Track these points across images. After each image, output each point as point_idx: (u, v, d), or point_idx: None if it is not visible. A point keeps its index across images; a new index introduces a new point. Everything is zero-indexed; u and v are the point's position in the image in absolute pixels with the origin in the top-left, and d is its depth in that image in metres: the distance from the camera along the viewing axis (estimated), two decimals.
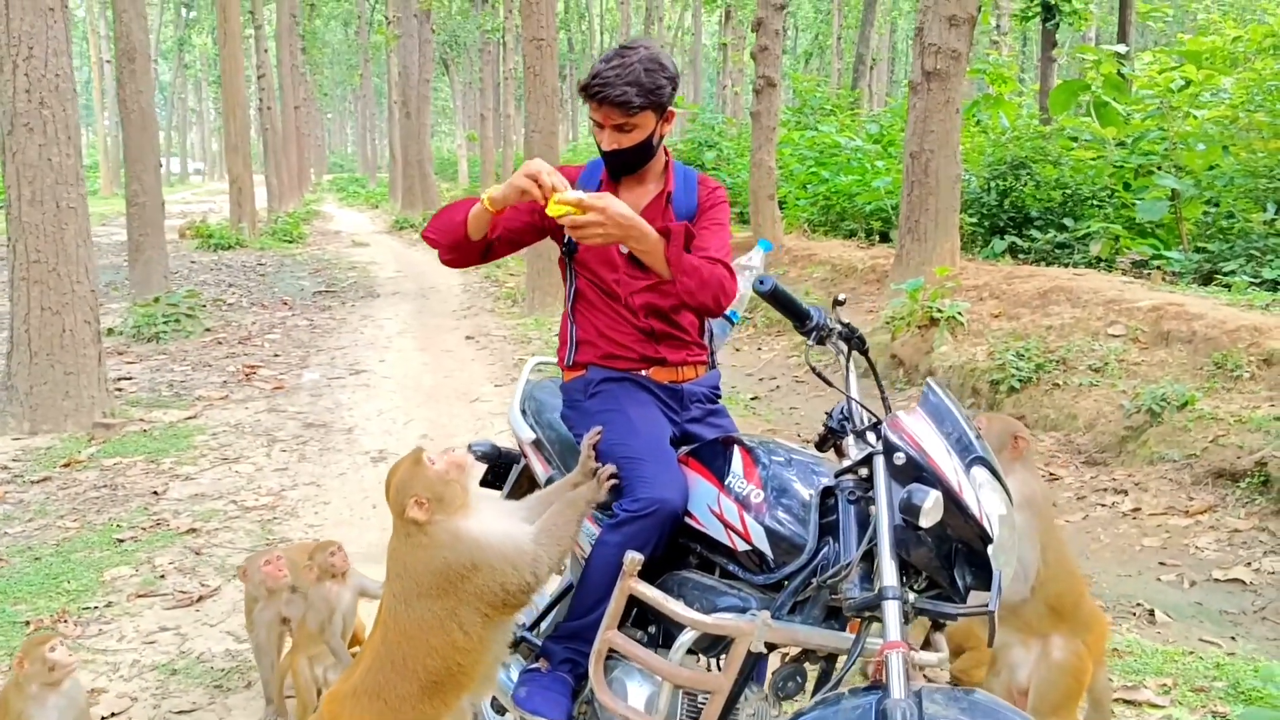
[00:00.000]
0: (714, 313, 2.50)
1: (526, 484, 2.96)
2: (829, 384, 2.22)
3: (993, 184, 12.88)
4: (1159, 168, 11.72)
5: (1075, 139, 13.67)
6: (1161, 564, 5.49)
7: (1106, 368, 7.43)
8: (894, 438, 2.01)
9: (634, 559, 2.17)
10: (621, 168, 2.63)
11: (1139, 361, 7.40)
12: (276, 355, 9.51)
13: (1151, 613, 4.92)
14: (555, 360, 2.83)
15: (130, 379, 8.32)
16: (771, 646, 2.15)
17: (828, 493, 2.20)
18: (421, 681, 2.25)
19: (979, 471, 2.02)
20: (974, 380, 8.30)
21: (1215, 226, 11.48)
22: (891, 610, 1.94)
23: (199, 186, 60.49)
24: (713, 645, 2.21)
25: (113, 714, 3.34)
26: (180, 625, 3.96)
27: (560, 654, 2.43)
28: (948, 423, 2.06)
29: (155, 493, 5.54)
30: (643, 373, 2.61)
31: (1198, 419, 6.47)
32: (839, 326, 2.23)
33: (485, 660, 2.30)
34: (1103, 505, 6.24)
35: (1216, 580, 5.26)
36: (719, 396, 2.73)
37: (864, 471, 2.10)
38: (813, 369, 2.20)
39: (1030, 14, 17.53)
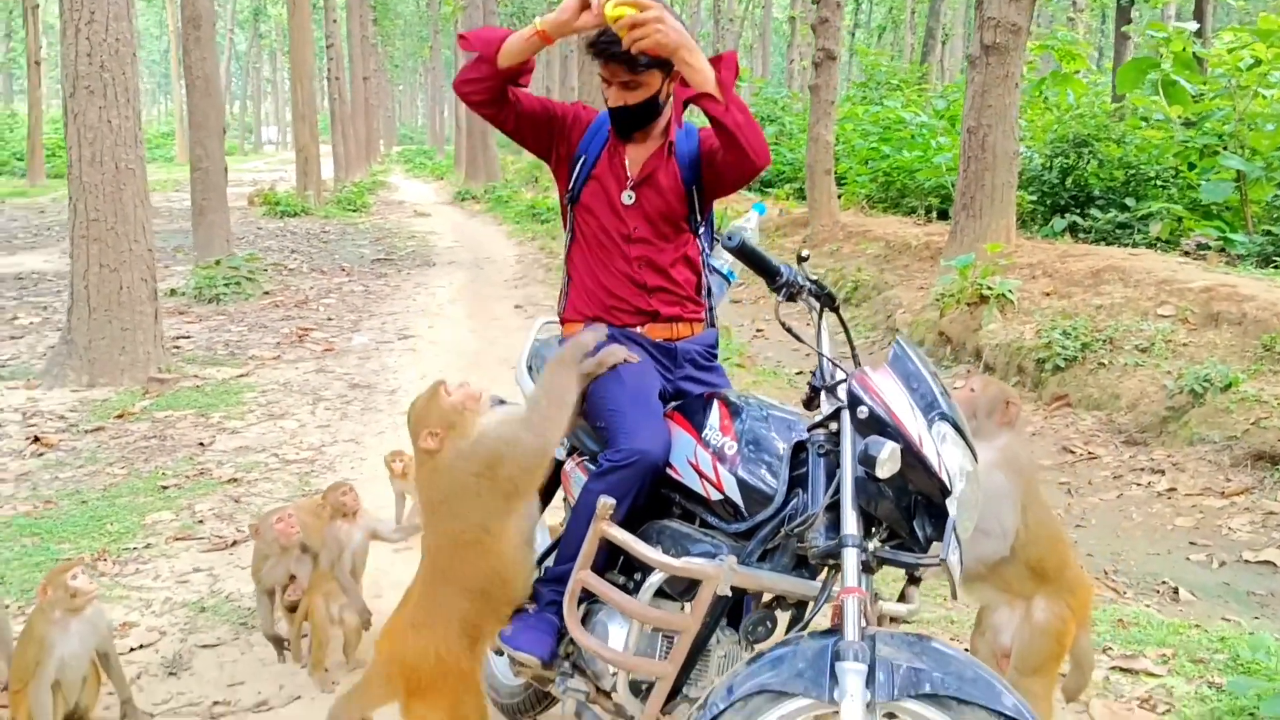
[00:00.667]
0: (757, 162, 2.50)
1: None
2: (799, 339, 2.27)
3: (1055, 161, 12.69)
4: (1224, 148, 11.46)
5: (1146, 118, 13.41)
6: (1192, 544, 5.45)
7: (1153, 348, 7.34)
8: (859, 392, 2.06)
9: (605, 503, 2.25)
10: (626, 125, 2.66)
11: (1186, 342, 7.29)
12: (330, 319, 9.74)
13: (1176, 591, 4.89)
14: (554, 320, 2.91)
15: (189, 338, 8.58)
16: (740, 591, 2.22)
17: (800, 447, 2.26)
18: (471, 595, 2.37)
19: (943, 427, 2.06)
20: (1020, 359, 8.24)
21: None
22: (850, 557, 2.00)
23: (271, 155, 61.51)
24: (688, 590, 2.28)
25: (141, 645, 3.52)
26: (214, 567, 4.13)
27: (547, 596, 2.53)
28: (914, 380, 2.11)
29: (202, 444, 5.74)
30: (637, 329, 2.67)
31: (1240, 401, 6.38)
32: (808, 284, 2.28)
33: (520, 563, 2.42)
34: (1138, 485, 6.19)
35: (1246, 561, 5.21)
36: (715, 356, 2.79)
37: (834, 426, 2.15)
38: (782, 324, 2.26)
39: None
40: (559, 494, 2.94)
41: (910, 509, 2.08)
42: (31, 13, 28.02)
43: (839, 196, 15.54)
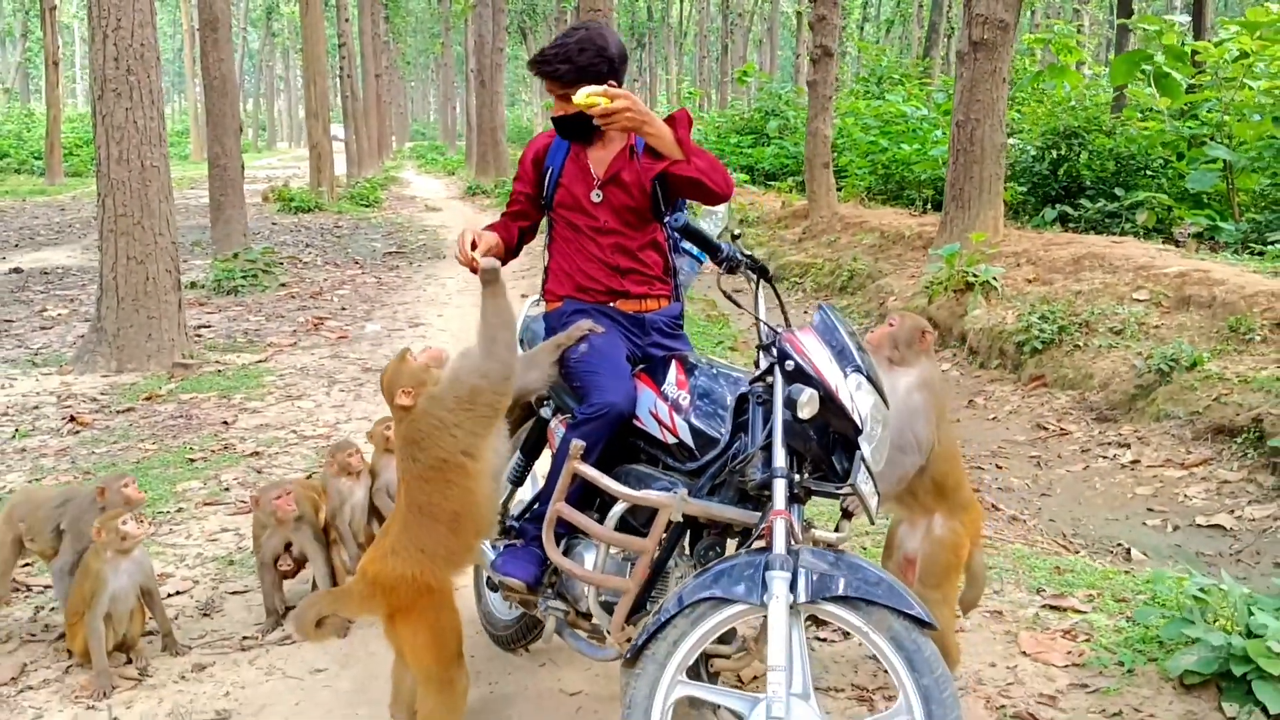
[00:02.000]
0: (725, 193, 2.90)
1: (525, 405, 3.46)
2: (738, 305, 2.68)
3: (1046, 153, 13.02)
4: (1211, 138, 11.78)
5: (1146, 110, 13.71)
6: (1149, 510, 5.83)
7: (1126, 330, 7.71)
8: (786, 349, 2.46)
9: (576, 444, 2.66)
10: (568, 131, 3.07)
11: (1158, 325, 7.65)
12: (343, 309, 10.17)
13: (1129, 552, 5.28)
14: (539, 298, 3.33)
15: (209, 327, 9.01)
16: (690, 519, 2.62)
17: (743, 398, 2.65)
18: (444, 521, 2.73)
19: (857, 378, 2.46)
20: (1001, 342, 8.62)
21: (1269, 197, 11.54)
22: (779, 486, 2.40)
23: (285, 152, 62.05)
24: (649, 521, 2.68)
25: (177, 592, 3.93)
26: (240, 528, 4.54)
27: (532, 532, 2.93)
28: (833, 337, 2.51)
29: (225, 423, 6.17)
30: (610, 304, 3.07)
31: (1204, 379, 6.74)
32: (744, 258, 2.67)
33: (488, 494, 2.78)
34: (1105, 457, 6.57)
35: (1199, 525, 5.59)
36: (680, 326, 3.19)
37: (770, 379, 2.55)
38: (724, 293, 2.66)
39: None
40: (546, 450, 3.34)
41: (830, 447, 2.48)
42: (49, 13, 28.51)
43: (839, 189, 15.90)
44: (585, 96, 2.74)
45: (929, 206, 14.59)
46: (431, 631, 2.73)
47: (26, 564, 4.04)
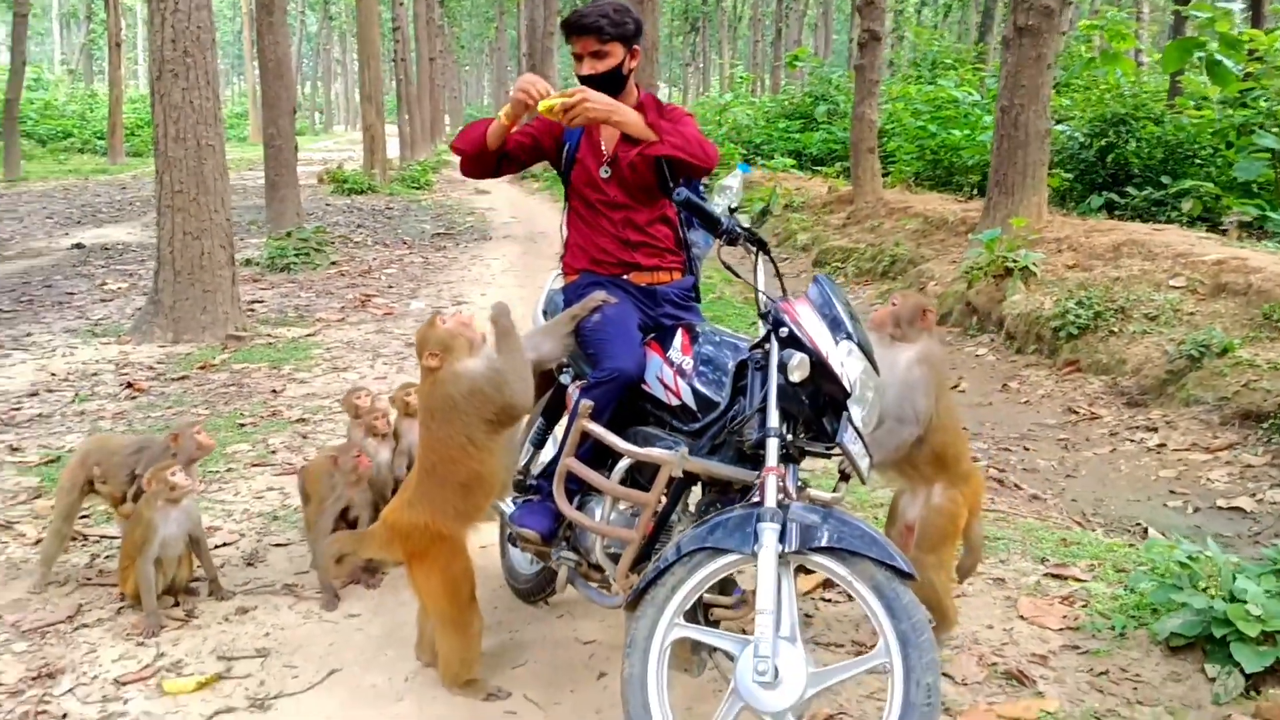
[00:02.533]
0: (706, 164, 3.08)
1: (543, 372, 3.65)
2: (737, 276, 2.84)
3: (1094, 140, 12.97)
4: (1260, 127, 11.68)
5: (1205, 98, 13.59)
6: (1172, 492, 5.90)
7: (1161, 316, 7.74)
8: (781, 317, 2.63)
9: (585, 404, 2.85)
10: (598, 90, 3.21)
11: (1193, 311, 7.68)
12: (390, 287, 10.45)
13: (1145, 531, 5.36)
14: (560, 272, 3.52)
15: (262, 302, 9.33)
16: (690, 475, 2.80)
17: (744, 364, 2.82)
18: (454, 485, 2.95)
19: (848, 344, 2.62)
20: (1038, 327, 8.67)
21: None
22: (772, 445, 2.57)
23: (341, 135, 62.84)
24: (654, 478, 2.86)
25: (224, 544, 4.19)
26: (285, 487, 4.79)
27: (548, 488, 3.13)
28: (826, 307, 2.67)
29: (274, 391, 6.44)
30: (623, 276, 3.25)
31: (1235, 365, 6.78)
32: (743, 231, 2.83)
33: (498, 468, 3.00)
34: (1132, 441, 6.63)
35: (1219, 508, 5.65)
36: (691, 298, 3.36)
37: (768, 346, 2.72)
38: (724, 264, 2.83)
39: None
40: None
41: (822, 410, 2.64)
42: None
43: (887, 174, 15.92)
44: (545, 104, 2.97)
45: (975, 192, 14.57)
46: (444, 576, 2.95)
47: (84, 515, 4.31)
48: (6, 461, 5.12)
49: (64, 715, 2.97)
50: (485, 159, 3.32)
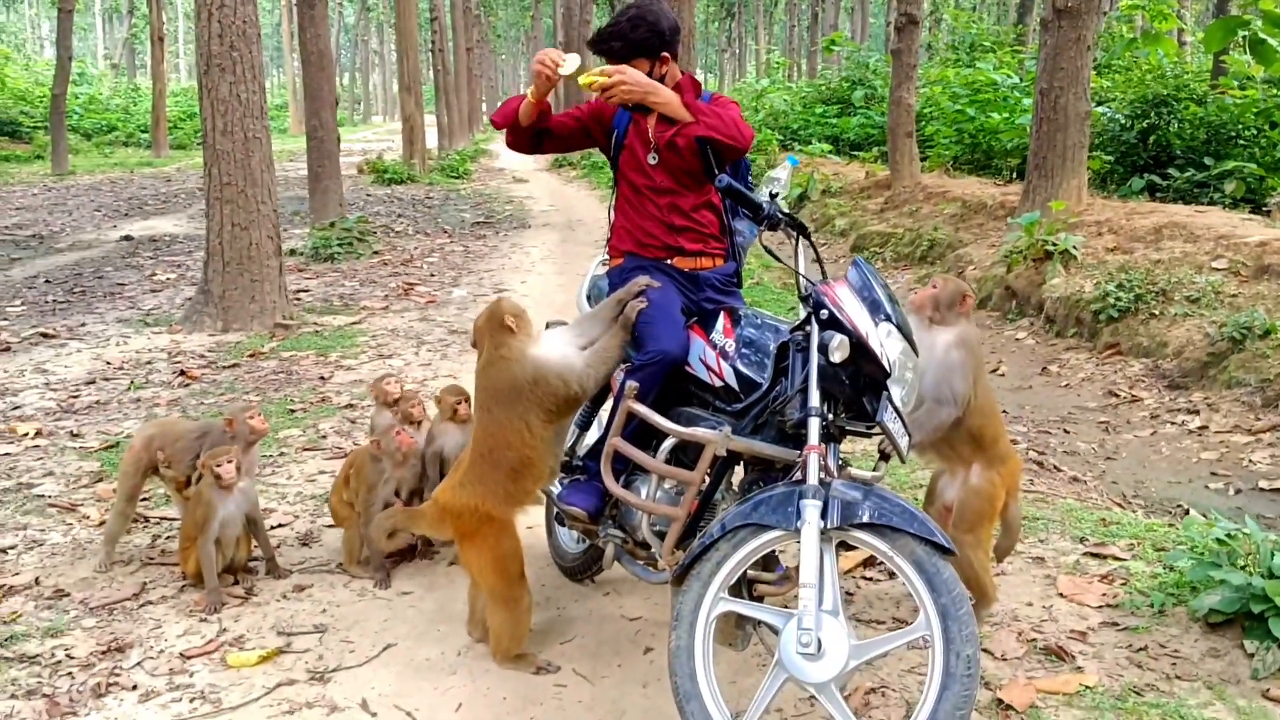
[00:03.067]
0: (742, 146, 3.15)
1: None
2: (778, 260, 2.91)
3: (1135, 122, 12.86)
4: None
5: (1250, 78, 13.42)
6: (1213, 474, 5.90)
7: (1203, 299, 7.71)
8: (822, 299, 2.70)
9: (631, 385, 2.93)
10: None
11: (1235, 294, 7.64)
12: (432, 275, 10.59)
13: (1186, 512, 5.36)
14: (606, 258, 3.60)
15: (307, 291, 9.49)
16: (735, 456, 2.87)
17: (785, 346, 2.89)
18: (505, 470, 3.06)
19: (887, 326, 2.69)
20: (1078, 310, 8.65)
21: None
22: (814, 424, 2.64)
23: (379, 126, 63.24)
24: (698, 457, 2.93)
25: (279, 525, 4.32)
26: (336, 470, 4.90)
27: (595, 468, 3.21)
28: (866, 289, 2.73)
29: (322, 378, 6.58)
30: (667, 260, 3.33)
31: (1277, 347, 6.75)
32: (784, 217, 2.90)
33: (549, 455, 3.11)
34: (1173, 424, 6.63)
35: (1261, 490, 5.65)
36: (733, 283, 3.42)
37: (809, 328, 2.78)
38: (765, 248, 2.91)
39: None
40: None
41: (862, 390, 2.71)
42: None
43: (925, 159, 15.86)
44: (586, 78, 3.04)
45: (1014, 176, 14.48)
46: (494, 555, 3.05)
47: (144, 498, 4.45)
48: (68, 447, 5.29)
49: (134, 686, 3.10)
50: (520, 133, 3.41)
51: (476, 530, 3.08)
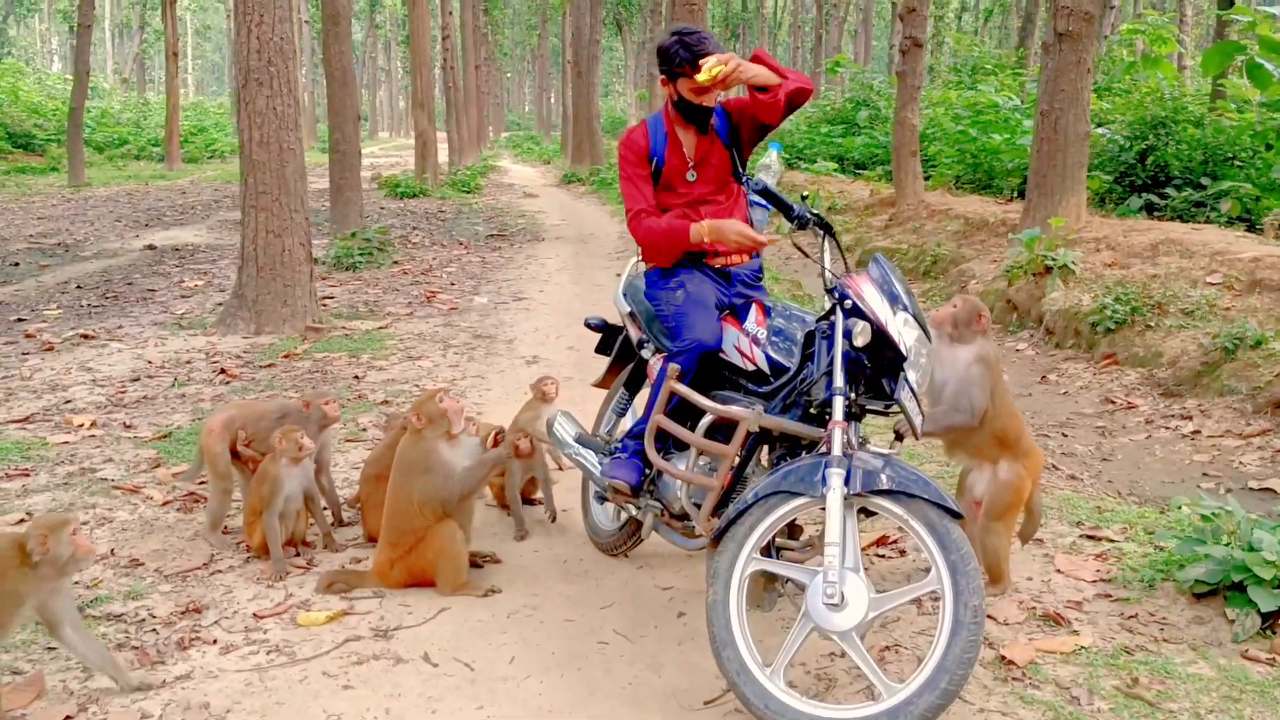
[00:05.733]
0: (811, 89, 3.50)
1: (629, 350, 4.07)
2: (808, 256, 3.24)
3: (1133, 143, 13.20)
4: None
5: (1247, 101, 13.77)
6: (1205, 475, 6.19)
7: (1197, 311, 8.02)
8: (845, 291, 3.02)
9: (674, 368, 3.27)
10: (706, 117, 3.64)
11: (1229, 306, 7.96)
12: (453, 284, 10.93)
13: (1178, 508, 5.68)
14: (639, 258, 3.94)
15: (332, 298, 9.81)
16: (766, 433, 3.19)
17: (811, 334, 3.22)
18: (410, 534, 3.73)
19: (904, 314, 3.01)
20: (1077, 322, 8.97)
21: None
22: (838, 402, 2.96)
23: (386, 142, 63.79)
24: (731, 434, 3.25)
25: (326, 508, 4.63)
26: None
27: (634, 446, 3.54)
28: (885, 283, 3.06)
29: (356, 377, 6.91)
30: (702, 258, 3.66)
31: (1268, 356, 7.06)
32: (812, 216, 3.22)
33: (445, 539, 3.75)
34: (1167, 428, 6.93)
35: (1251, 489, 5.94)
36: (759, 278, 3.76)
37: (833, 318, 3.11)
38: (796, 246, 3.24)
39: None
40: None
41: (881, 372, 3.03)
42: (170, 6, 30.00)
43: (928, 178, 16.22)
44: (707, 71, 3.34)
45: (1015, 195, 14.82)
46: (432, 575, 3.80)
47: (203, 481, 4.76)
48: (123, 437, 5.61)
49: (214, 640, 3.41)
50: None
51: (412, 580, 3.79)
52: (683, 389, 3.25)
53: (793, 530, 3.37)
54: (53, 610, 2.99)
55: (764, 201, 3.62)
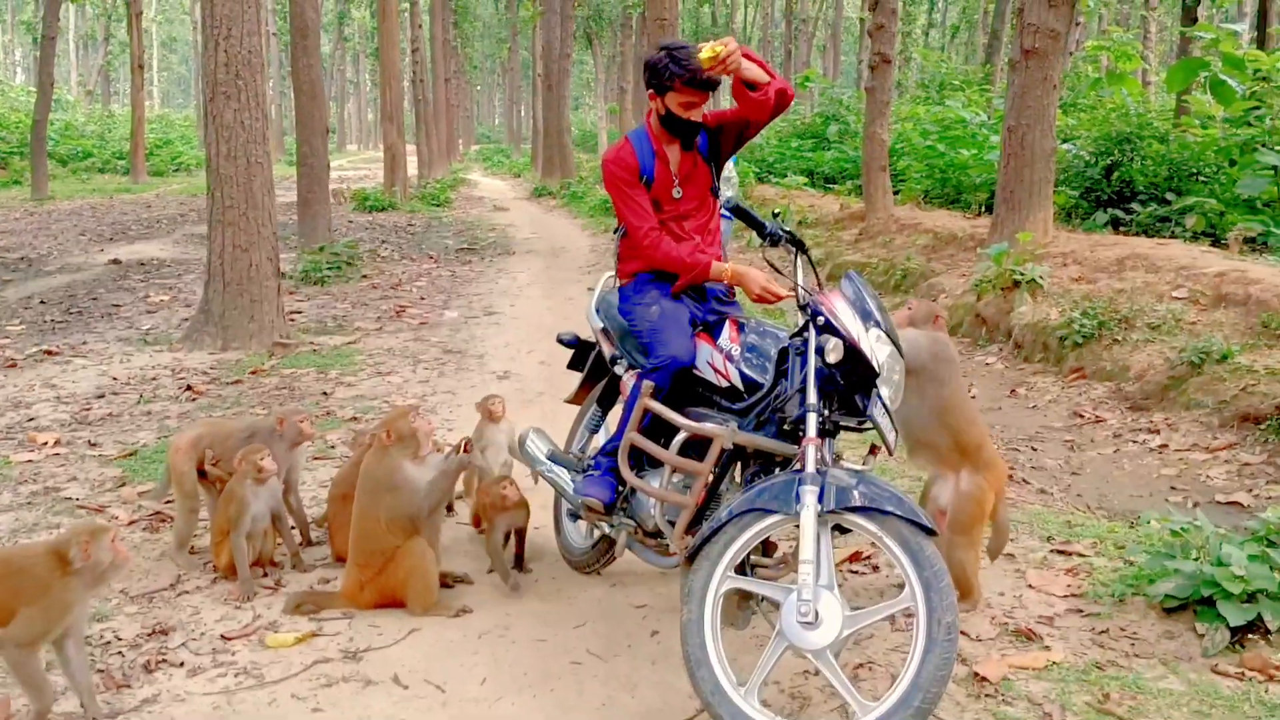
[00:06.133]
0: (792, 99, 3.52)
1: (601, 366, 4.05)
2: (780, 273, 3.24)
3: (1099, 159, 13.34)
4: (1263, 144, 12.02)
5: (1212, 117, 13.96)
6: (1173, 488, 6.25)
7: (1163, 325, 8.10)
8: (818, 307, 3.02)
9: (648, 385, 3.26)
10: (693, 132, 3.66)
11: (1195, 321, 8.04)
12: (422, 298, 10.88)
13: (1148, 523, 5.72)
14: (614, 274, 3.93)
15: (300, 313, 9.74)
16: (740, 451, 3.18)
17: (784, 350, 3.21)
18: (378, 555, 3.70)
19: (876, 331, 3.01)
20: (1045, 337, 9.04)
21: None
22: (811, 419, 2.96)
23: (355, 155, 63.54)
24: (705, 452, 3.24)
25: (292, 527, 4.57)
26: None
27: (606, 464, 3.52)
28: (857, 300, 3.06)
29: (325, 393, 6.84)
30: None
31: (1234, 370, 7.14)
32: (784, 233, 3.22)
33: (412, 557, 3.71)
34: (1135, 442, 6.99)
35: (1218, 503, 6.00)
36: (733, 292, 3.75)
37: (807, 335, 3.10)
38: (769, 262, 3.24)
39: None
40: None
41: (854, 389, 3.03)
42: (135, 19, 29.79)
43: (897, 192, 16.33)
44: (709, 50, 3.31)
45: (983, 210, 14.95)
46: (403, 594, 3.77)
47: (169, 500, 4.70)
48: (88, 455, 5.53)
49: (181, 663, 3.36)
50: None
51: (383, 599, 3.75)
52: (657, 406, 3.24)
53: (767, 547, 3.37)
54: (74, 621, 2.99)
55: (729, 214, 3.63)
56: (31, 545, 3.42)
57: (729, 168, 3.49)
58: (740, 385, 3.29)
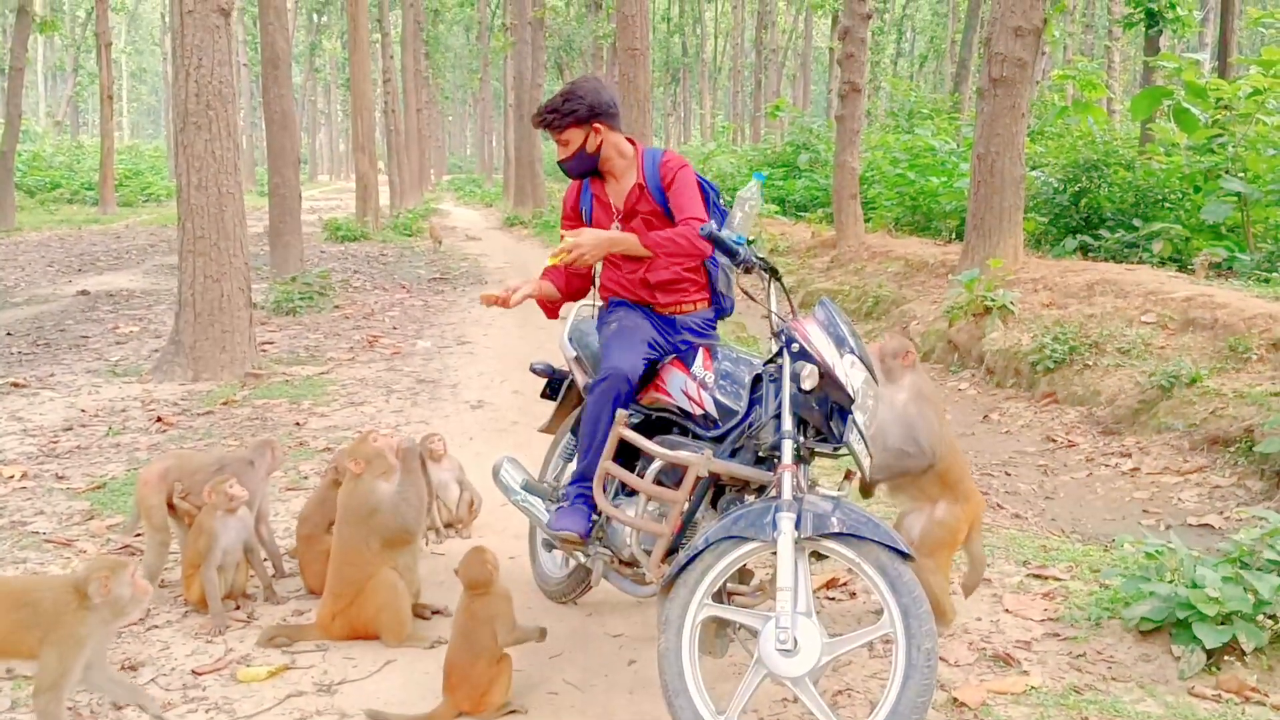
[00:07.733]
0: (703, 257, 3.52)
1: (575, 395, 4.04)
2: (754, 299, 3.25)
3: (1067, 185, 13.51)
4: (1226, 171, 12.21)
5: (1171, 145, 14.16)
6: (1145, 512, 6.29)
7: (1133, 350, 8.18)
8: (792, 334, 3.02)
9: (621, 414, 3.25)
10: (574, 172, 3.72)
11: (1164, 345, 8.13)
12: (395, 328, 10.83)
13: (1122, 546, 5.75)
14: (591, 303, 3.93)
15: (272, 343, 9.67)
16: (715, 478, 3.17)
17: (759, 377, 3.21)
18: (344, 583, 3.68)
19: (850, 357, 3.01)
20: (1016, 362, 9.11)
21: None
22: (787, 445, 2.96)
23: (326, 185, 63.38)
24: (681, 480, 3.22)
25: (265, 559, 4.52)
26: None
27: (577, 492, 3.50)
28: (831, 326, 3.07)
29: (297, 424, 6.78)
30: (646, 303, 3.66)
31: (1203, 394, 7.22)
32: (758, 260, 3.23)
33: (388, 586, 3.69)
34: (1107, 466, 7.04)
35: (1190, 525, 6.04)
36: (711, 328, 3.74)
37: (781, 361, 3.11)
38: (742, 289, 3.25)
39: (1133, 21, 17.83)
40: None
41: (830, 415, 3.03)
42: (105, 49, 29.66)
43: (868, 220, 16.45)
44: (552, 258, 3.48)
45: (954, 236, 15.08)
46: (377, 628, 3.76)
47: (139, 534, 4.63)
48: (55, 488, 5.45)
49: (151, 698, 3.29)
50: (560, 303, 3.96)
51: (356, 633, 3.72)
52: (631, 435, 3.23)
53: (743, 575, 3.35)
54: (94, 657, 2.98)
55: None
56: (49, 578, 3.40)
57: (751, 187, 3.43)
58: (714, 412, 3.28)
